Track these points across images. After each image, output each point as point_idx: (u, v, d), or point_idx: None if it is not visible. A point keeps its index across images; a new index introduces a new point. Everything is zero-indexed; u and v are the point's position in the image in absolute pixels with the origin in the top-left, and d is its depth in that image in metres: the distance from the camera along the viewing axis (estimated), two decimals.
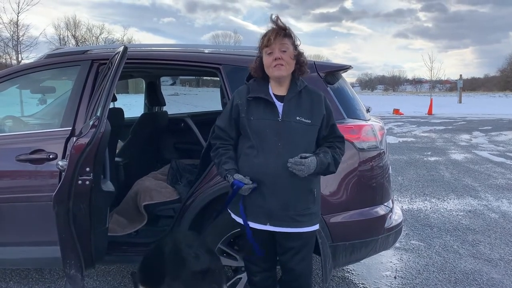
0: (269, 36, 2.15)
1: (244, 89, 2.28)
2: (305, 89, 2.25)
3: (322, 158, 2.15)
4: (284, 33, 2.16)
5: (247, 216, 2.24)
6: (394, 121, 18.70)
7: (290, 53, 2.16)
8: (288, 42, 2.17)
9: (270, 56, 2.16)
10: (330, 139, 2.27)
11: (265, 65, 2.19)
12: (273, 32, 2.15)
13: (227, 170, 2.18)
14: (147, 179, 3.68)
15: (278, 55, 2.14)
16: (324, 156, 2.16)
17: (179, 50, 3.33)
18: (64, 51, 3.30)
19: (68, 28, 44.82)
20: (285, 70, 2.17)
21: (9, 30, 24.54)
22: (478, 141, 12.14)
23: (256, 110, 2.20)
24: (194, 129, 4.74)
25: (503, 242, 4.31)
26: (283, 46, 2.14)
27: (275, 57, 2.14)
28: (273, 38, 2.13)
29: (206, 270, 2.28)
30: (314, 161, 2.10)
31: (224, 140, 2.28)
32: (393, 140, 12.02)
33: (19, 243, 2.88)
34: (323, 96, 2.28)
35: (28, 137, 2.94)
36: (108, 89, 2.45)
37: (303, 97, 2.23)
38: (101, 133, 2.40)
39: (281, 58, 2.14)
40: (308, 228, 2.25)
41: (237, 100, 2.26)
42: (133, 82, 22.94)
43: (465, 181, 6.97)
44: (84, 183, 2.42)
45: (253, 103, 2.21)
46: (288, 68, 2.18)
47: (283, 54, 2.14)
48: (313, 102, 2.23)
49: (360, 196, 2.81)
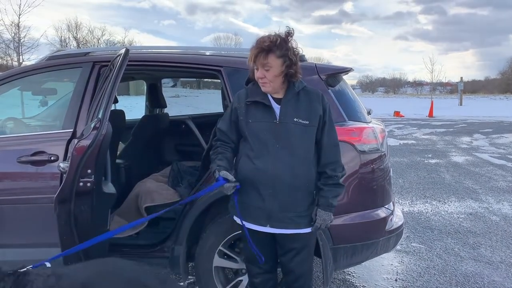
0: (254, 56, 2.12)
1: (243, 93, 2.29)
2: (303, 90, 2.24)
3: (323, 202, 2.23)
4: (267, 52, 2.10)
5: (246, 218, 2.24)
6: (395, 123, 18.70)
7: (275, 70, 2.13)
8: (271, 60, 2.11)
9: (256, 71, 2.17)
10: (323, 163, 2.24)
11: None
12: (258, 53, 2.11)
13: (218, 166, 2.19)
14: (148, 181, 3.69)
15: (260, 74, 2.14)
16: (323, 197, 2.23)
17: (180, 52, 3.34)
18: (66, 53, 3.31)
19: (69, 30, 44.90)
20: (269, 87, 2.18)
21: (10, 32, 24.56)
22: (479, 143, 12.13)
23: (254, 113, 2.21)
24: (195, 131, 4.75)
25: (504, 244, 4.31)
26: (265, 65, 2.12)
27: (257, 76, 2.16)
28: (252, 58, 2.13)
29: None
30: (321, 213, 2.21)
31: (224, 142, 2.30)
32: (394, 142, 12.02)
33: (20, 244, 2.88)
34: (321, 95, 2.27)
35: (29, 139, 2.95)
36: (110, 91, 2.46)
37: (301, 98, 2.22)
38: (103, 135, 2.41)
39: (265, 77, 2.14)
40: (308, 229, 2.26)
41: (236, 104, 2.28)
42: (134, 84, 22.96)
43: (466, 184, 6.96)
44: (86, 185, 2.43)
45: (251, 106, 2.22)
46: (273, 84, 2.17)
47: (266, 72, 2.13)
48: (311, 102, 2.23)
49: (361, 199, 2.81)
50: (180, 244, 2.84)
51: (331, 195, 2.22)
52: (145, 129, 4.36)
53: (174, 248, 2.86)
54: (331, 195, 2.22)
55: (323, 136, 2.23)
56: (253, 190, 2.20)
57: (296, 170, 2.18)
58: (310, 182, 2.23)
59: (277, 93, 2.23)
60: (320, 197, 2.23)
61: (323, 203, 2.22)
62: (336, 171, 2.24)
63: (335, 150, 2.26)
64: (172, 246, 2.88)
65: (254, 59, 2.12)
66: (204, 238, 2.81)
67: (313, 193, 2.26)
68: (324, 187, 2.23)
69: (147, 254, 2.97)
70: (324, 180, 2.24)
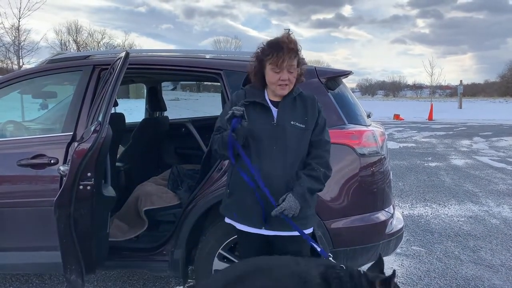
0: (281, 57, 2.10)
1: (242, 93, 2.30)
2: (299, 95, 2.27)
3: (298, 190, 2.14)
4: (295, 54, 2.15)
5: (241, 220, 2.25)
6: (394, 126, 18.70)
7: (295, 72, 2.18)
8: (295, 62, 2.16)
9: (276, 74, 2.15)
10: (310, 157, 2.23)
11: (269, 80, 2.19)
12: (286, 55, 2.11)
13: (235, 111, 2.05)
14: (148, 184, 3.69)
15: (285, 76, 2.14)
16: (300, 185, 2.15)
17: (180, 55, 3.35)
18: (66, 56, 3.31)
19: (69, 33, 44.99)
20: (288, 89, 2.20)
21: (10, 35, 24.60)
22: (478, 146, 12.13)
23: (252, 114, 2.20)
24: (195, 134, 4.75)
25: (504, 248, 4.30)
26: (291, 67, 2.14)
27: (282, 78, 2.14)
28: (283, 60, 2.10)
29: None
30: (292, 198, 2.11)
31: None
32: (393, 145, 12.02)
33: (20, 248, 2.87)
34: (315, 99, 2.30)
35: (29, 142, 2.95)
36: (110, 94, 2.46)
37: (297, 103, 2.25)
38: (103, 138, 2.41)
39: (288, 79, 2.15)
40: (304, 232, 2.25)
41: (235, 101, 2.26)
42: (134, 87, 23.01)
43: (465, 187, 6.96)
44: (86, 188, 2.43)
45: (249, 107, 2.22)
46: (291, 86, 2.20)
47: (290, 75, 2.15)
48: (307, 107, 2.25)
49: (361, 202, 2.81)
50: (180, 248, 2.84)
51: (308, 185, 2.17)
52: (145, 132, 4.37)
53: (174, 252, 2.86)
54: (308, 185, 2.17)
55: (314, 136, 2.24)
56: (248, 191, 2.19)
57: (292, 172, 2.19)
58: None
59: (276, 95, 2.24)
60: (297, 185, 2.17)
61: (297, 191, 2.14)
62: (321, 166, 2.22)
63: (325, 149, 2.26)
64: (171, 249, 2.87)
65: (282, 62, 2.11)
66: (204, 241, 2.81)
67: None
68: (305, 176, 2.19)
69: (147, 258, 2.96)
70: (307, 170, 2.21)
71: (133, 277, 3.54)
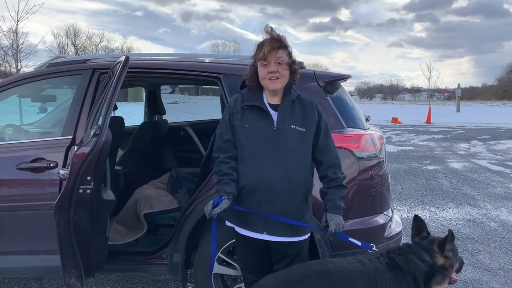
0: (264, 49, 2.14)
1: (239, 98, 2.30)
2: (297, 98, 2.27)
3: (330, 205, 2.21)
4: (279, 45, 2.16)
5: (242, 225, 2.26)
6: (392, 129, 18.73)
7: (285, 64, 2.17)
8: (283, 53, 2.17)
9: (265, 68, 2.16)
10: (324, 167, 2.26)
11: (260, 77, 2.20)
12: (268, 45, 2.15)
13: (226, 193, 2.14)
14: (147, 187, 3.69)
15: (273, 68, 2.15)
16: (330, 201, 2.22)
17: (180, 59, 3.36)
18: (65, 60, 3.32)
19: (68, 36, 45.03)
20: (280, 83, 2.18)
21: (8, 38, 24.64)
22: (476, 150, 12.16)
23: (250, 118, 2.21)
24: (194, 138, 4.75)
25: (502, 251, 4.31)
26: (278, 58, 2.15)
27: (270, 70, 2.15)
28: (267, 51, 2.14)
29: None
30: (331, 216, 2.19)
31: (227, 152, 2.24)
32: (392, 148, 12.04)
33: (19, 251, 2.87)
34: (314, 102, 2.30)
35: (28, 145, 2.95)
36: (110, 98, 2.47)
37: (296, 106, 2.25)
38: (103, 142, 2.42)
39: (277, 71, 2.15)
40: (304, 237, 2.28)
41: (232, 106, 2.27)
42: (133, 91, 22.99)
43: (464, 190, 6.97)
44: (85, 191, 2.43)
45: (247, 111, 2.22)
46: (283, 80, 2.19)
47: (278, 66, 2.15)
48: (306, 110, 2.25)
49: (360, 205, 2.81)
50: (179, 251, 2.84)
51: (337, 196, 2.21)
52: (144, 136, 4.37)
53: (173, 255, 2.86)
54: (337, 196, 2.21)
55: (320, 141, 2.25)
56: (249, 196, 2.19)
57: (293, 177, 2.19)
58: (306, 189, 2.25)
59: (275, 97, 2.24)
60: (327, 201, 2.22)
61: (331, 206, 2.20)
62: (337, 174, 2.25)
63: (334, 153, 2.28)
64: (171, 253, 2.87)
65: (270, 51, 2.13)
66: (203, 244, 2.81)
67: (308, 200, 2.27)
68: (329, 190, 2.23)
69: (146, 261, 2.96)
70: (327, 183, 2.25)
71: (132, 280, 3.53)
